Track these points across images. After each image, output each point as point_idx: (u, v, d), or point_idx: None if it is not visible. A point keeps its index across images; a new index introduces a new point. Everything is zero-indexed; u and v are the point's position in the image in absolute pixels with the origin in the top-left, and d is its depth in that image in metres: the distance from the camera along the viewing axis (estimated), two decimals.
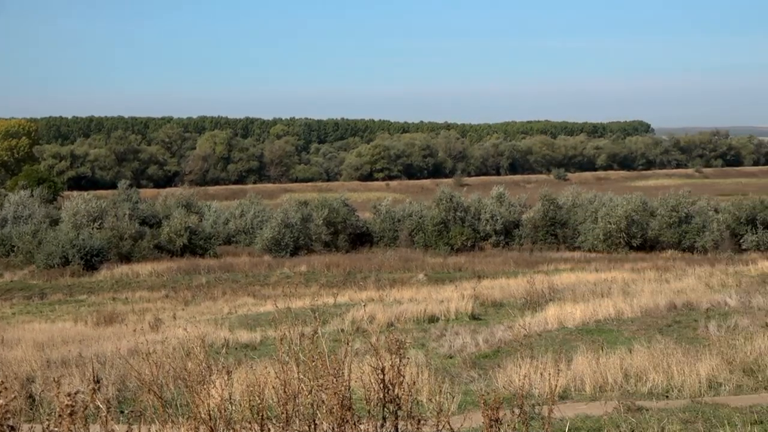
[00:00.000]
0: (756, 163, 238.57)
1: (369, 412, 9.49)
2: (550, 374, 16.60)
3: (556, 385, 13.98)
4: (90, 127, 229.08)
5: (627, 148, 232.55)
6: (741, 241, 69.33)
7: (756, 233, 69.24)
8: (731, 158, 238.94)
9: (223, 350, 25.01)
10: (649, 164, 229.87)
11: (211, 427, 9.37)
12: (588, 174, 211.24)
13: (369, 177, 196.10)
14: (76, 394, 7.49)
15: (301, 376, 9.65)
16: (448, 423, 9.32)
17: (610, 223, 71.79)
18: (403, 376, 9.47)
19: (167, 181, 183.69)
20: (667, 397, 16.25)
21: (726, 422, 13.28)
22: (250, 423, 9.26)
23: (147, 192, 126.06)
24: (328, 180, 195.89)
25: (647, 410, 14.70)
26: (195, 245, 72.84)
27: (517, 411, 9.40)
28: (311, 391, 9.52)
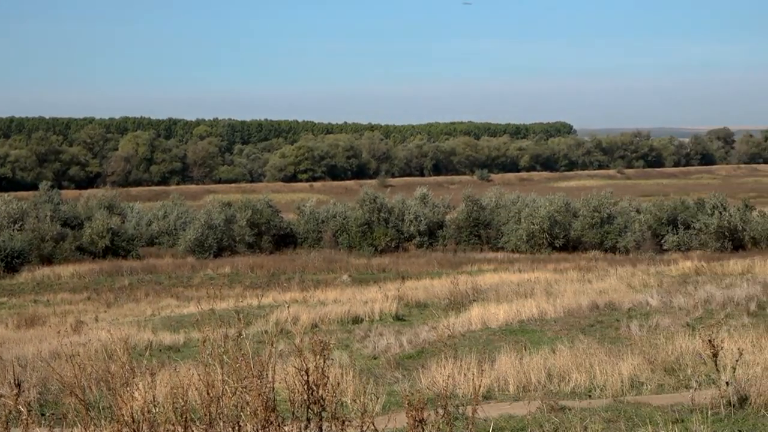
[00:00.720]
0: (677, 164, 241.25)
1: (293, 413, 9.46)
2: (473, 374, 16.68)
3: (479, 385, 14.05)
4: (10, 127, 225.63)
5: (550, 149, 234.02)
6: (662, 241, 70.12)
7: (677, 234, 70.07)
8: (652, 159, 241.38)
9: (147, 352, 24.81)
10: (572, 165, 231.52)
11: (134, 430, 9.29)
12: (511, 175, 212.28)
13: (293, 178, 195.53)
14: None
15: (225, 378, 9.61)
16: (373, 424, 9.32)
17: (533, 224, 72.24)
18: (328, 378, 9.46)
19: (89, 182, 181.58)
20: (589, 396, 16.37)
21: (648, 421, 13.41)
22: (173, 425, 9.21)
23: (69, 193, 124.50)
24: (252, 181, 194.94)
25: (570, 410, 14.80)
26: (117, 247, 72.20)
27: (441, 411, 9.43)
28: (235, 392, 9.48)
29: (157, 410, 9.82)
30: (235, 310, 30.59)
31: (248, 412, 9.21)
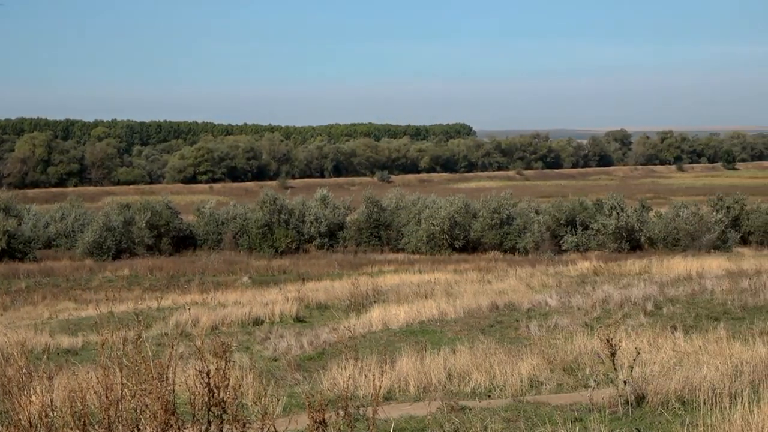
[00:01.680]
0: (575, 165, 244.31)
1: (194, 416, 9.40)
2: (374, 375, 16.66)
3: (380, 386, 14.05)
4: None
5: (449, 151, 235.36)
6: (561, 242, 70.82)
7: (575, 234, 70.83)
8: (551, 160, 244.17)
9: (44, 356, 24.43)
10: (472, 166, 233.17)
11: None
12: (411, 176, 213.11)
13: (193, 180, 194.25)
14: None
15: (125, 381, 9.51)
16: (273, 426, 9.30)
17: (434, 225, 72.49)
18: (228, 380, 9.42)
19: None
20: (489, 396, 16.45)
21: (547, 420, 13.52)
22: (72, 429, 9.09)
23: None
24: (151, 183, 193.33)
25: (470, 410, 14.86)
26: (14, 249, 71.01)
27: (341, 412, 9.44)
28: (134, 395, 9.39)
29: (54, 414, 9.69)
30: (135, 313, 30.30)
31: (148, 416, 9.14)
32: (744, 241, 73.37)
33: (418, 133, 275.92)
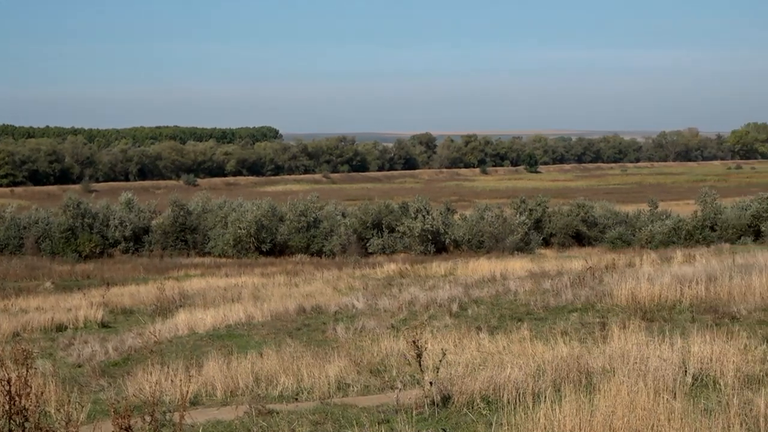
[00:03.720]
0: (381, 169, 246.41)
1: None
2: (181, 380, 16.52)
3: (187, 391, 13.93)
4: None
5: (256, 154, 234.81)
6: (367, 244, 71.26)
7: (381, 237, 71.38)
8: (357, 164, 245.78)
9: None
10: (278, 170, 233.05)
11: None
12: (218, 179, 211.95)
13: None
14: None
15: None
16: None
17: (240, 229, 72.12)
18: (30, 387, 9.20)
19: None
20: (297, 399, 16.44)
21: (354, 422, 13.58)
22: None
23: None
24: None
25: (278, 413, 14.84)
26: None
27: (148, 418, 9.32)
28: None
29: None
30: None
31: None
32: (546, 243, 75.04)
33: (225, 136, 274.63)
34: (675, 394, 12.40)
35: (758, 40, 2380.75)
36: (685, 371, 14.99)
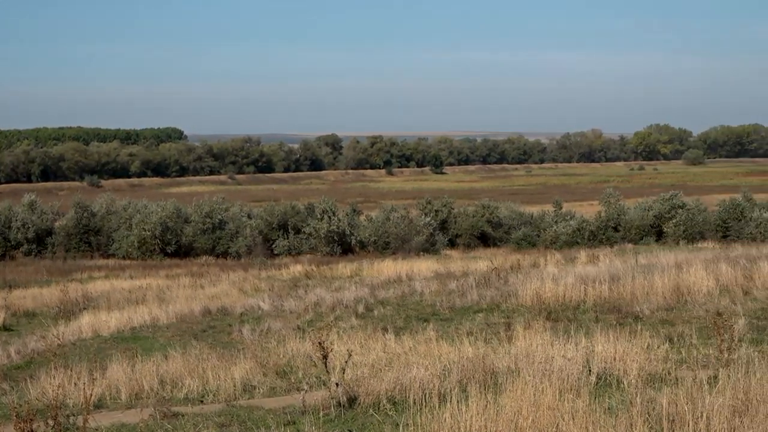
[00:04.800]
0: (287, 170, 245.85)
1: None
2: (84, 383, 16.33)
3: (91, 395, 13.75)
4: None
5: (161, 155, 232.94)
6: (273, 246, 71.04)
7: (287, 238, 71.21)
8: (263, 165, 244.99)
9: None
10: (183, 171, 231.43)
11: None
12: (122, 181, 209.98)
13: None
14: None
15: None
16: None
17: (145, 230, 71.46)
18: None
19: None
20: (202, 401, 16.36)
21: (260, 424, 13.55)
22: None
23: None
24: None
25: (183, 416, 14.75)
26: None
27: (51, 422, 9.21)
28: None
29: None
30: None
31: None
32: (452, 244, 75.33)
33: (129, 137, 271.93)
34: (579, 393, 12.52)
35: (661, 42, 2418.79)
36: (589, 370, 15.17)
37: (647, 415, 11.38)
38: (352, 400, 14.62)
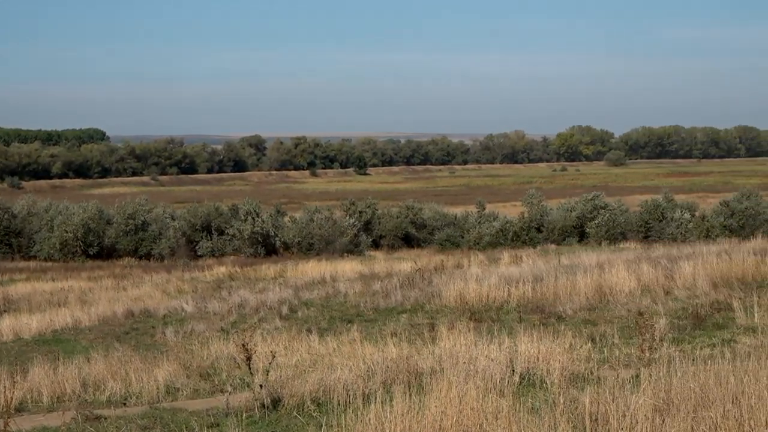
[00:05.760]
0: (210, 171, 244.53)
1: None
2: (5, 387, 16.14)
3: (12, 398, 13.62)
4: None
5: (83, 156, 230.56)
6: (197, 247, 70.65)
7: (211, 240, 70.86)
8: (186, 166, 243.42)
9: None
10: (106, 172, 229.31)
11: None
12: (43, 182, 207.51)
13: None
14: None
15: None
16: None
17: (67, 232, 70.74)
18: None
19: None
20: (125, 404, 16.24)
21: (184, 426, 13.49)
22: None
23: None
24: None
25: (106, 418, 14.64)
26: None
27: None
28: None
29: None
30: None
31: None
32: (376, 245, 75.34)
33: (50, 138, 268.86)
34: (503, 393, 12.60)
35: (583, 44, 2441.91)
36: (513, 370, 15.26)
37: (570, 415, 11.47)
38: (276, 402, 14.60)
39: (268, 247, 70.08)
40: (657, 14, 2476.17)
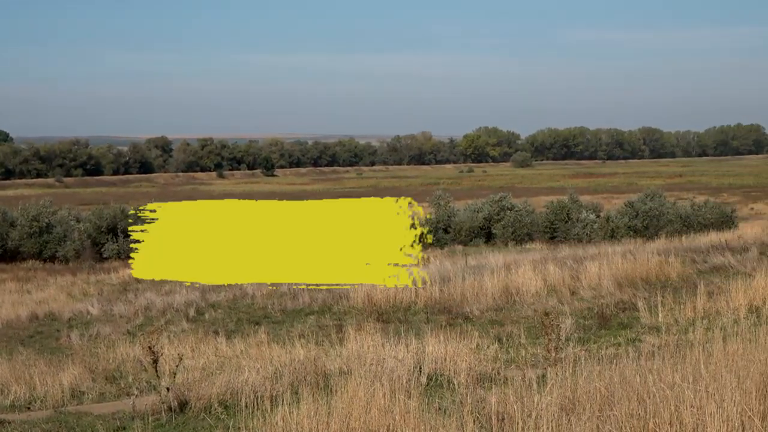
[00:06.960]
0: (116, 173, 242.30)
1: None
2: None
3: None
4: None
5: None
6: (102, 250, 70.00)
7: (117, 242, 70.22)
8: (91, 168, 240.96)
9: None
10: (9, 174, 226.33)
11: None
12: None
13: None
14: None
15: None
16: None
17: None
18: None
19: None
20: (29, 408, 16.05)
21: (89, 430, 13.38)
22: None
23: None
24: None
25: (9, 423, 14.45)
26: None
27: None
28: None
29: None
30: None
31: None
32: None
33: None
34: (410, 393, 12.63)
35: (488, 45, 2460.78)
36: (420, 371, 15.32)
37: (477, 414, 11.55)
38: (183, 405, 14.52)
39: None
40: (557, 15, 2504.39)
